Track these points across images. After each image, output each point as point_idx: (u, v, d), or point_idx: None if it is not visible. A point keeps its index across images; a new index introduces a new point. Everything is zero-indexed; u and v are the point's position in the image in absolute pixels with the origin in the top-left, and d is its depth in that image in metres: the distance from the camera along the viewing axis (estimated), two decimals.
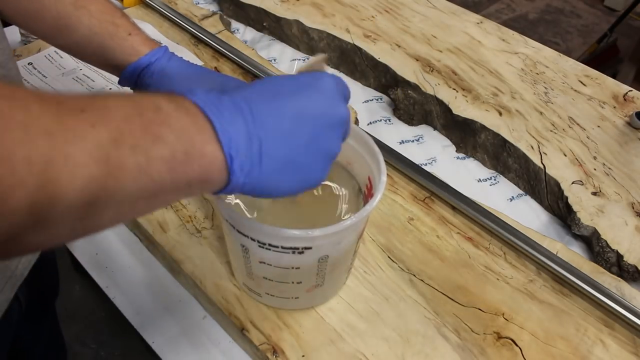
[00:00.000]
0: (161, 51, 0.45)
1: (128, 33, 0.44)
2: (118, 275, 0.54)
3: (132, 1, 0.87)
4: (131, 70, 0.44)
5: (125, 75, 0.45)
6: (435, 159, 0.69)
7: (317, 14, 0.85)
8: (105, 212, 0.23)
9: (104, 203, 0.22)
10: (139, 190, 0.23)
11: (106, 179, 0.21)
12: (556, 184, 0.62)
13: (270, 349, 0.44)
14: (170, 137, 0.24)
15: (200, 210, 0.55)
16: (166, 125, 0.24)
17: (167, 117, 0.24)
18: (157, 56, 0.44)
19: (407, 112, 0.74)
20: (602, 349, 0.47)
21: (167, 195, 0.25)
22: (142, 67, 0.44)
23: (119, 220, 0.25)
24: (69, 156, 0.20)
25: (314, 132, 0.30)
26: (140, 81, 0.45)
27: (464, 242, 0.55)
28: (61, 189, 0.20)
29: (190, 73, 0.45)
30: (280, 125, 0.28)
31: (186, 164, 0.24)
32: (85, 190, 0.21)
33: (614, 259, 0.55)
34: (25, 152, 0.19)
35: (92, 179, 0.21)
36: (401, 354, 0.45)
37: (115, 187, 0.22)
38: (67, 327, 1.19)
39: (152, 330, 0.50)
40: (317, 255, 0.39)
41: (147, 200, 0.24)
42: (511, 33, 0.86)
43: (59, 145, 0.20)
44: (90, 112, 0.22)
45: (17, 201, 0.19)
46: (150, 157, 0.23)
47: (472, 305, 0.49)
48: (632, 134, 0.69)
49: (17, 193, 0.19)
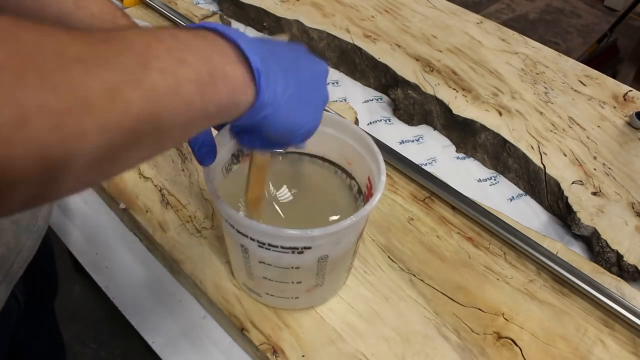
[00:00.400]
0: None
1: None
2: (118, 275, 0.54)
3: (132, 1, 0.87)
4: None
5: None
6: (435, 159, 0.69)
7: (317, 14, 0.85)
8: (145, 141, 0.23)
9: (143, 129, 0.22)
10: (173, 114, 0.23)
11: (144, 102, 0.22)
12: (556, 184, 0.62)
13: (270, 349, 0.44)
14: (192, 59, 0.24)
15: (200, 210, 0.55)
16: (186, 50, 0.25)
17: (186, 43, 0.25)
18: None
19: (407, 112, 0.74)
20: (602, 349, 0.47)
21: (200, 121, 0.26)
22: None
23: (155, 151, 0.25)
24: (104, 81, 0.20)
25: (311, 75, 0.33)
26: None
27: (464, 242, 0.55)
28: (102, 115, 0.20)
29: None
30: (289, 60, 0.31)
31: (212, 85, 0.25)
32: (127, 115, 0.21)
33: (614, 259, 0.55)
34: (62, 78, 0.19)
35: (130, 103, 0.21)
36: (401, 354, 0.45)
37: (152, 111, 0.22)
38: (67, 327, 1.19)
39: (152, 330, 0.50)
40: (316, 255, 0.39)
41: (182, 127, 0.25)
42: (511, 33, 0.86)
43: (93, 70, 0.20)
44: (114, 42, 0.22)
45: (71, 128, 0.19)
46: (178, 79, 0.23)
47: (472, 305, 0.49)
48: (632, 134, 0.69)
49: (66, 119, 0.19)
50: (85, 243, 0.57)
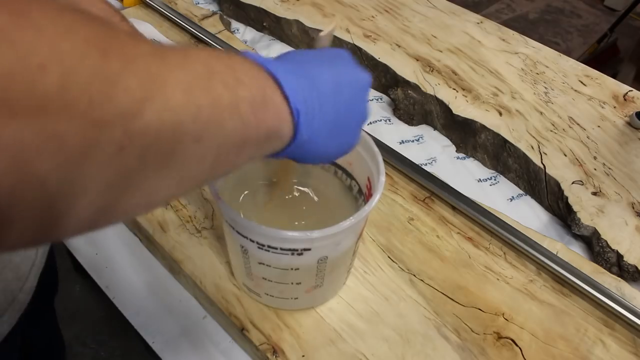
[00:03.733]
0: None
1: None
2: (118, 275, 0.54)
3: (132, 1, 0.87)
4: None
5: None
6: (435, 159, 0.69)
7: (317, 14, 0.85)
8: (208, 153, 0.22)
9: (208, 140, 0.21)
10: (231, 130, 0.22)
11: (211, 110, 0.21)
12: (556, 184, 0.62)
13: (270, 349, 0.44)
14: (248, 81, 0.24)
15: (200, 210, 0.55)
16: (241, 70, 0.24)
17: (240, 63, 0.24)
18: None
19: (407, 112, 0.74)
20: (602, 349, 0.47)
21: (251, 146, 0.25)
22: None
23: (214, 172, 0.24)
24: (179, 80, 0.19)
25: (350, 96, 0.31)
26: None
27: (464, 242, 0.55)
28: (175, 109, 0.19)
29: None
30: (329, 88, 0.29)
31: (265, 110, 0.25)
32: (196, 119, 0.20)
33: (614, 259, 0.55)
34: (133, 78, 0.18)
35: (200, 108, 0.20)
36: (401, 354, 0.45)
37: (217, 122, 0.21)
38: (67, 327, 1.19)
39: (152, 330, 0.50)
40: (316, 256, 0.39)
41: (237, 148, 0.24)
42: (511, 33, 0.86)
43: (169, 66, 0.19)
44: (177, 53, 0.21)
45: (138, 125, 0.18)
46: (237, 96, 0.23)
47: (472, 305, 0.49)
48: (632, 134, 0.69)
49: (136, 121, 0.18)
50: (85, 243, 0.57)
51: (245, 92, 0.23)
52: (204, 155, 0.22)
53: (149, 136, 0.18)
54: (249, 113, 0.23)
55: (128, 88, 0.17)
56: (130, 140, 0.17)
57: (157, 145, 0.19)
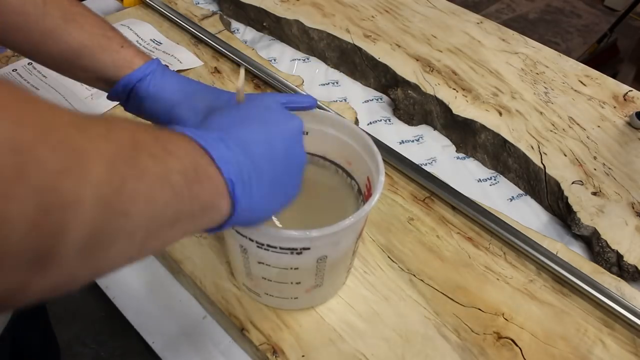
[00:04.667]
0: (154, 64, 0.44)
1: (120, 46, 0.42)
2: (118, 275, 0.54)
3: (132, 1, 0.87)
4: (124, 83, 0.42)
5: (117, 88, 0.43)
6: (435, 159, 0.69)
7: (317, 14, 0.85)
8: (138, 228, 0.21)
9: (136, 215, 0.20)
10: (164, 204, 0.22)
11: (136, 183, 0.20)
12: (556, 184, 0.62)
13: (270, 349, 0.44)
14: (179, 152, 0.23)
15: None
16: (171, 142, 0.23)
17: (170, 136, 0.24)
18: (151, 68, 0.43)
19: (407, 112, 0.74)
20: (602, 349, 0.47)
21: (186, 221, 0.24)
22: (135, 79, 0.42)
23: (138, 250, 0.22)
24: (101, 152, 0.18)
25: (285, 147, 0.32)
26: (134, 94, 0.43)
27: (464, 242, 0.55)
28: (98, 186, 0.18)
29: (183, 87, 0.44)
30: (262, 149, 0.30)
31: (199, 182, 0.24)
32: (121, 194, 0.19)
33: (614, 259, 0.55)
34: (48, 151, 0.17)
35: (124, 181, 0.19)
36: (401, 354, 0.45)
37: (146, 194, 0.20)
38: (67, 327, 1.19)
39: (152, 330, 0.50)
40: (315, 255, 0.39)
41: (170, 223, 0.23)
42: (511, 33, 0.86)
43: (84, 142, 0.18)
44: (100, 124, 0.20)
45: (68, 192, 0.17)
46: (167, 167, 0.22)
47: (472, 305, 0.49)
48: (632, 134, 0.69)
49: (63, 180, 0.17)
50: None
51: (176, 163, 0.23)
52: (133, 231, 0.20)
53: (68, 212, 0.17)
54: (181, 185, 0.23)
55: (42, 160, 0.16)
56: (46, 217, 0.16)
57: (77, 221, 0.17)
